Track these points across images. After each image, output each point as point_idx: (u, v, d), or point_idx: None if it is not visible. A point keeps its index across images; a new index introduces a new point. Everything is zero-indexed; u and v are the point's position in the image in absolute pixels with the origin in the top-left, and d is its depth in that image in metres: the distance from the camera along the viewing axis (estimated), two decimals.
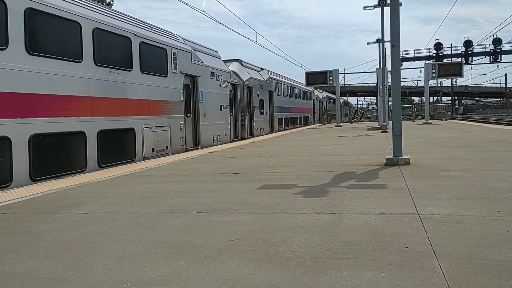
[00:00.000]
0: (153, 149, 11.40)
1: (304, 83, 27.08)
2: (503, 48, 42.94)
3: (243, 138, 18.34)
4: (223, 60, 17.97)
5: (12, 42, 7.32)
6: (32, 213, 4.54)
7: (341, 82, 42.55)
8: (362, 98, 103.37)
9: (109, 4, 34.33)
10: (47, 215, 4.42)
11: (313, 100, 38.05)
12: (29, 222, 4.14)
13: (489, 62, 44.16)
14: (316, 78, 26.17)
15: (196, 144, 13.89)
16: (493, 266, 2.52)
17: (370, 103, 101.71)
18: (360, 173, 6.36)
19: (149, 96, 11.32)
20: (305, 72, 26.95)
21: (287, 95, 28.14)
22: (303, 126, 31.66)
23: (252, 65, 22.45)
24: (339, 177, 6.06)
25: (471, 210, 3.85)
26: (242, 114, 18.92)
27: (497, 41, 42.38)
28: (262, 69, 23.62)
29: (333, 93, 40.27)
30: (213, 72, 15.33)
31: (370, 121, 45.17)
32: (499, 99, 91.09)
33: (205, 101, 14.54)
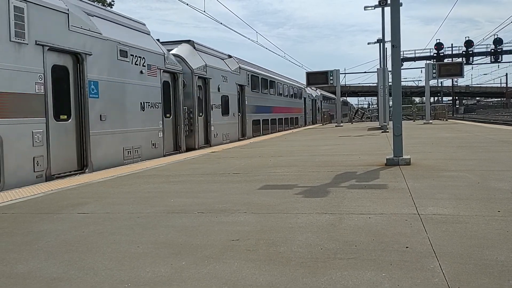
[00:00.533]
0: None
1: (294, 79, 25.08)
2: (504, 48, 42.93)
3: (189, 149, 13.37)
4: (166, 42, 14.05)
5: None
6: (33, 213, 4.55)
7: (342, 82, 42.27)
8: (363, 98, 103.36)
9: (110, 5, 34.36)
10: (48, 215, 4.43)
11: (304, 98, 33.32)
12: (30, 222, 4.15)
13: (489, 62, 44.16)
14: (317, 78, 26.16)
15: (83, 167, 8.76)
16: (493, 266, 2.52)
17: (370, 103, 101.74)
18: (360, 173, 6.36)
19: None
20: (306, 72, 26.97)
21: (266, 91, 22.88)
22: (291, 128, 27.29)
23: (212, 49, 16.92)
24: (339, 177, 6.06)
25: (471, 211, 3.86)
26: (190, 115, 13.82)
27: (497, 41, 42.36)
28: (230, 56, 18.50)
29: (334, 93, 39.59)
30: (125, 51, 10.25)
31: (371, 121, 45.19)
32: (499, 99, 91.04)
33: (105, 96, 9.49)
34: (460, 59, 41.53)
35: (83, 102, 8.83)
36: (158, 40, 12.75)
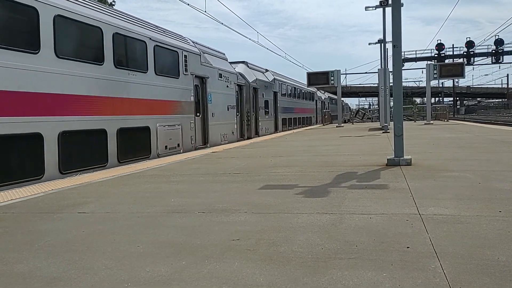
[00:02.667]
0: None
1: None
2: (505, 49, 42.81)
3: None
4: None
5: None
6: (34, 213, 4.54)
7: (343, 83, 42.53)
8: (364, 98, 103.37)
9: (111, 5, 34.39)
10: (48, 214, 4.43)
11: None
12: (31, 221, 4.15)
13: (491, 62, 44.08)
14: (318, 78, 26.14)
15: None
16: (494, 267, 2.51)
17: (371, 103, 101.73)
18: (361, 173, 6.35)
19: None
20: (307, 72, 26.94)
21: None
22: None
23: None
24: (340, 177, 6.05)
25: (472, 211, 3.85)
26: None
27: (499, 42, 42.28)
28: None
29: (335, 93, 39.82)
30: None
31: (372, 121, 45.15)
32: (501, 100, 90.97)
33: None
34: (461, 60, 41.45)
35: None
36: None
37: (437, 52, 44.07)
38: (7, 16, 7.37)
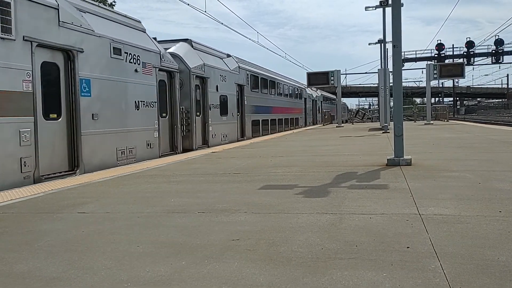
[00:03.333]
0: None
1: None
2: (505, 49, 42.81)
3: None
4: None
5: None
6: (34, 213, 4.54)
7: (343, 83, 42.10)
8: (364, 98, 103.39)
9: (111, 5, 34.38)
10: (48, 214, 4.42)
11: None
12: (30, 221, 4.14)
13: (491, 63, 44.08)
14: (318, 78, 26.12)
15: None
16: (494, 267, 2.51)
17: (371, 103, 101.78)
18: (361, 173, 6.35)
19: None
20: (307, 72, 26.92)
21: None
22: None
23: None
24: (340, 177, 6.05)
25: (472, 211, 3.84)
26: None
27: (499, 42, 42.28)
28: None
29: (334, 93, 39.38)
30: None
31: (372, 121, 45.15)
32: (501, 100, 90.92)
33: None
34: (461, 60, 41.46)
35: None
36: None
37: (437, 52, 44.07)
38: None
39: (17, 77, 7.25)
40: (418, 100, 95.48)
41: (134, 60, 10.73)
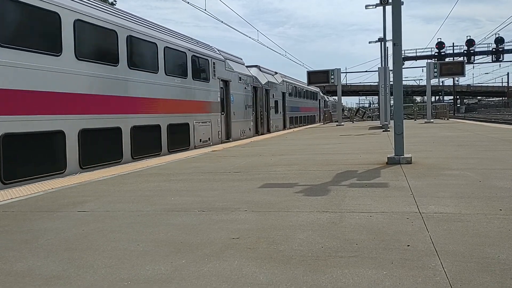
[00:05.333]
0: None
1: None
2: (505, 47, 42.81)
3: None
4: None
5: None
6: (33, 212, 4.54)
7: (343, 81, 42.26)
8: (364, 97, 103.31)
9: (112, 4, 34.37)
10: (48, 213, 4.42)
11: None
12: (30, 220, 4.14)
13: (491, 61, 44.05)
14: (318, 77, 26.11)
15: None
16: (495, 265, 2.50)
17: (372, 102, 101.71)
18: (361, 171, 6.34)
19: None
20: (307, 71, 26.92)
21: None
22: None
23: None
24: (340, 175, 6.05)
25: (473, 209, 3.84)
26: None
27: (499, 40, 42.25)
28: (276, 73, 26.16)
29: (335, 92, 39.67)
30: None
31: (372, 120, 45.11)
32: (501, 98, 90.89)
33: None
34: (461, 58, 41.43)
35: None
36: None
37: (437, 50, 44.06)
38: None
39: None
40: (418, 98, 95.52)
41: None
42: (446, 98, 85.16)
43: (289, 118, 27.97)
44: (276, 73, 26.26)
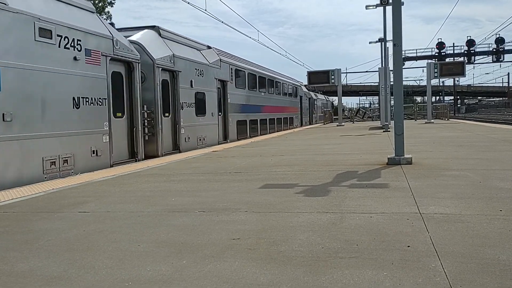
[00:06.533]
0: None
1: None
2: (506, 47, 42.85)
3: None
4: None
5: None
6: (34, 212, 4.54)
7: (343, 82, 42.01)
8: (364, 97, 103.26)
9: (111, 4, 34.38)
10: (49, 214, 4.43)
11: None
12: (31, 221, 4.15)
13: (491, 61, 44.07)
14: (318, 77, 26.13)
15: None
16: (495, 266, 2.51)
17: (372, 102, 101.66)
18: (362, 172, 6.35)
19: None
20: (307, 71, 26.96)
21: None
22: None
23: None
24: (340, 176, 6.05)
25: (473, 210, 3.84)
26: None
27: (499, 40, 42.28)
28: (209, 47, 16.03)
29: (335, 92, 39.08)
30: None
31: (372, 120, 45.13)
32: (501, 99, 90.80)
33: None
34: (461, 59, 41.45)
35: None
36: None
37: (437, 50, 44.10)
38: None
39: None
40: (418, 98, 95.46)
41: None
42: (446, 98, 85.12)
43: (237, 123, 17.80)
44: (209, 47, 15.99)
